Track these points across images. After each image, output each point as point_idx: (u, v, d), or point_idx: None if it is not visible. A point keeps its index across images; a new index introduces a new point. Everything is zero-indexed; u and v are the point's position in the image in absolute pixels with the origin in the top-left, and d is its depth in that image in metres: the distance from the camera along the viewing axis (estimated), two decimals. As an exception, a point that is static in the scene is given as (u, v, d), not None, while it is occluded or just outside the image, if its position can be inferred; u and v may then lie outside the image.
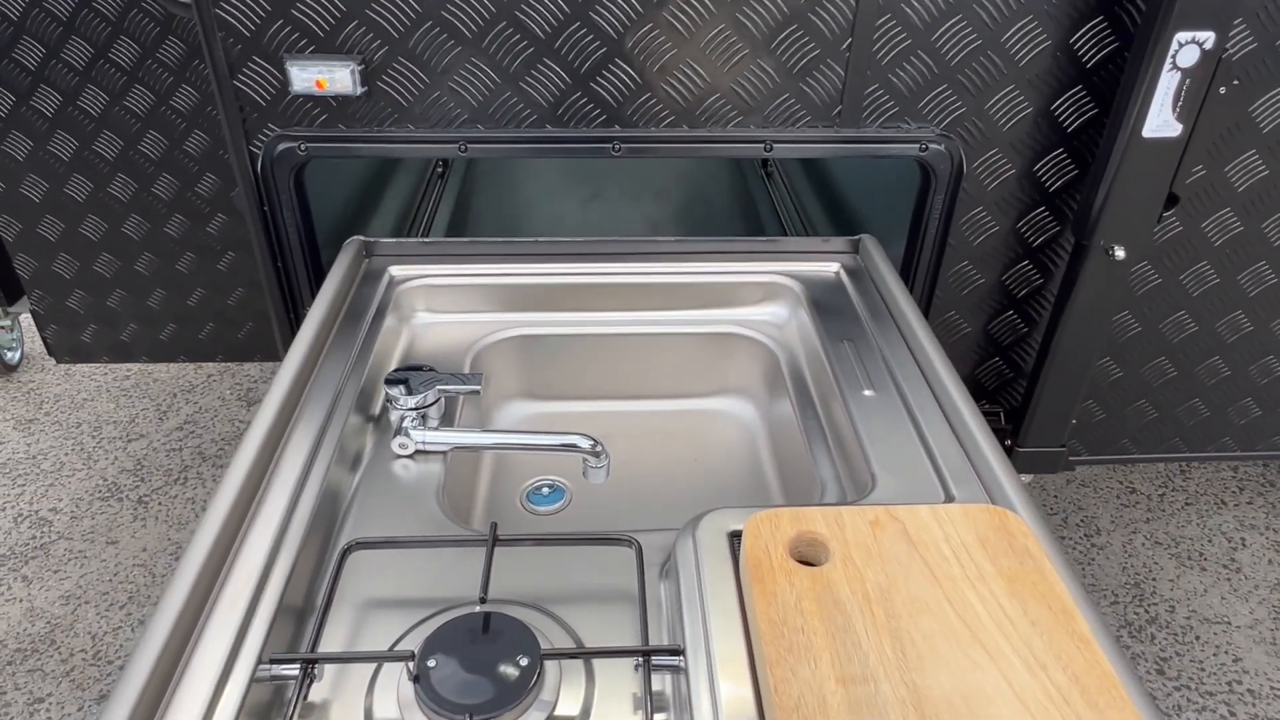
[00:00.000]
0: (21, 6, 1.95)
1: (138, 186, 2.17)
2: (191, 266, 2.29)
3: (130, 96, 2.05)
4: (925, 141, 1.56)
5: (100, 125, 2.09)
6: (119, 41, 1.99)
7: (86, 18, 1.96)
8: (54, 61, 2.01)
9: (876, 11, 1.44)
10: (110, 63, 2.01)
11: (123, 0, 1.94)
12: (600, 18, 1.43)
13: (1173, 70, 1.39)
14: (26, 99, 2.05)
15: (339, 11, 1.40)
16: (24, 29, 1.98)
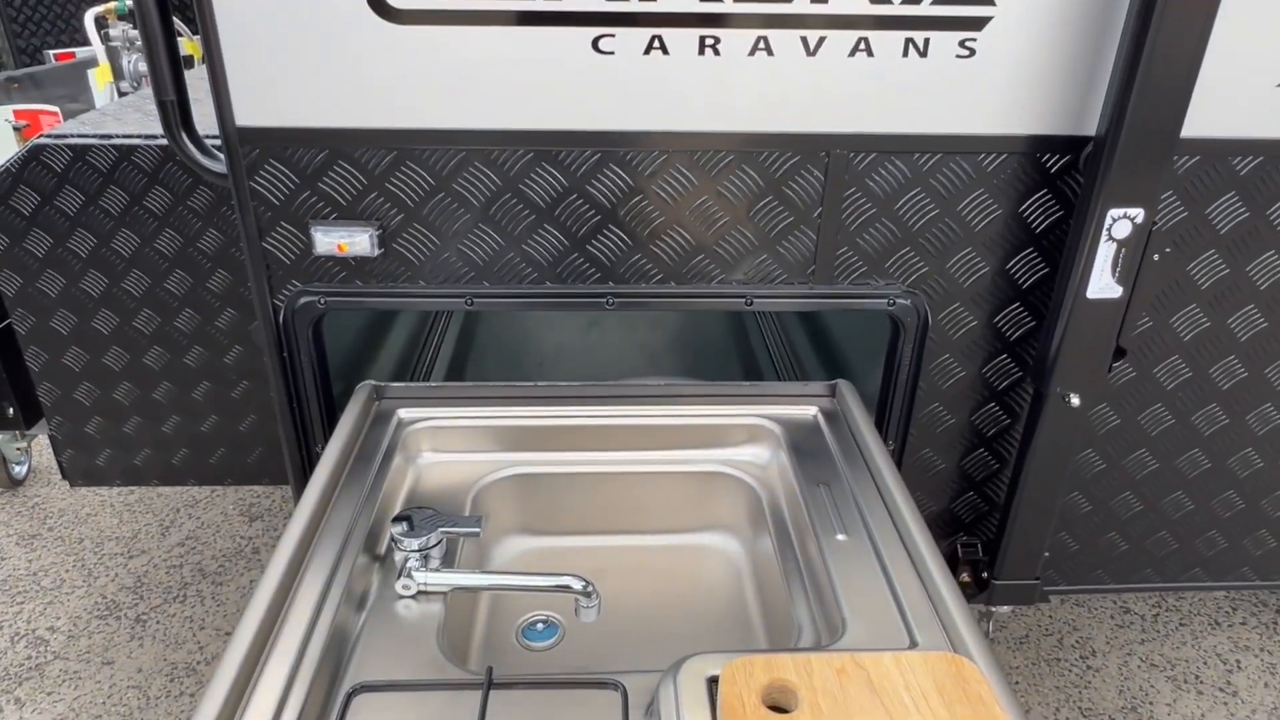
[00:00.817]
0: (66, 160, 2.13)
1: (161, 320, 2.31)
2: (207, 394, 2.41)
3: (160, 239, 2.21)
4: (893, 297, 1.70)
5: (130, 264, 2.24)
6: (154, 190, 2.16)
7: (126, 170, 2.14)
8: (92, 207, 2.18)
9: (843, 185, 1.60)
10: (144, 209, 2.18)
11: (159, 154, 2.13)
12: (596, 189, 1.59)
13: (1109, 241, 1.54)
14: (64, 241, 2.21)
15: (361, 184, 1.57)
16: (67, 179, 2.16)
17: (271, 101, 1.49)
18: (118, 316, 2.30)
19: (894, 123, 1.55)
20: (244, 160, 1.54)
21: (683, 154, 1.57)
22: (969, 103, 1.53)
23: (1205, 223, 1.68)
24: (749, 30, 1.45)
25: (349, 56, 1.45)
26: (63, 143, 2.11)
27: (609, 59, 1.46)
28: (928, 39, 1.47)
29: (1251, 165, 1.62)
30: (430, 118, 1.51)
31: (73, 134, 2.14)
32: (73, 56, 5.45)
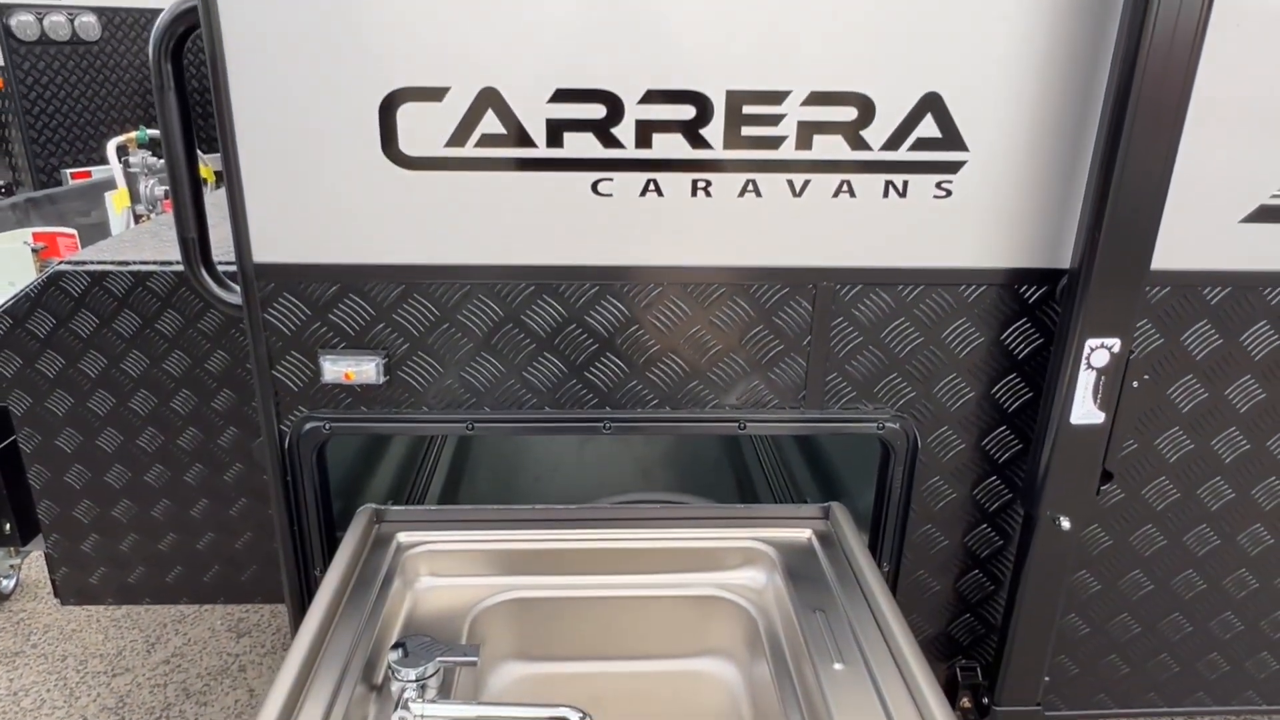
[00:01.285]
0: (84, 285, 2.21)
1: (165, 439, 2.34)
2: (205, 512, 2.41)
3: (169, 360, 2.27)
4: (882, 421, 1.75)
5: (138, 384, 2.29)
6: (166, 313, 2.23)
7: (140, 294, 2.22)
8: (105, 330, 2.25)
9: (831, 314, 1.67)
10: (155, 331, 2.25)
11: (173, 279, 2.21)
12: (594, 320, 1.66)
13: (1088, 369, 1.60)
14: (75, 362, 2.27)
15: (369, 315, 1.63)
16: (84, 303, 2.23)
17: (288, 239, 1.57)
18: (122, 435, 2.33)
19: (877, 257, 1.63)
20: (259, 294, 1.61)
21: (677, 286, 1.64)
22: (948, 238, 1.62)
23: (1181, 349, 1.74)
24: (738, 174, 1.55)
25: (363, 199, 1.54)
26: (82, 269, 2.19)
27: (607, 200, 1.56)
28: (906, 181, 1.57)
29: (1221, 295, 1.70)
30: (438, 254, 1.59)
31: (91, 260, 2.22)
32: (89, 175, 5.67)
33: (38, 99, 5.60)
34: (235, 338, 2.25)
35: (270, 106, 1.48)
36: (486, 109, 1.49)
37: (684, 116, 1.51)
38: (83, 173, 5.65)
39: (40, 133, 5.68)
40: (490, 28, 1.44)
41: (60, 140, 5.80)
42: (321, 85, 1.47)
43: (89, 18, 5.62)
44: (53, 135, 5.75)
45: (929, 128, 1.53)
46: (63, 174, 5.70)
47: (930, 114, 1.52)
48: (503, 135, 1.51)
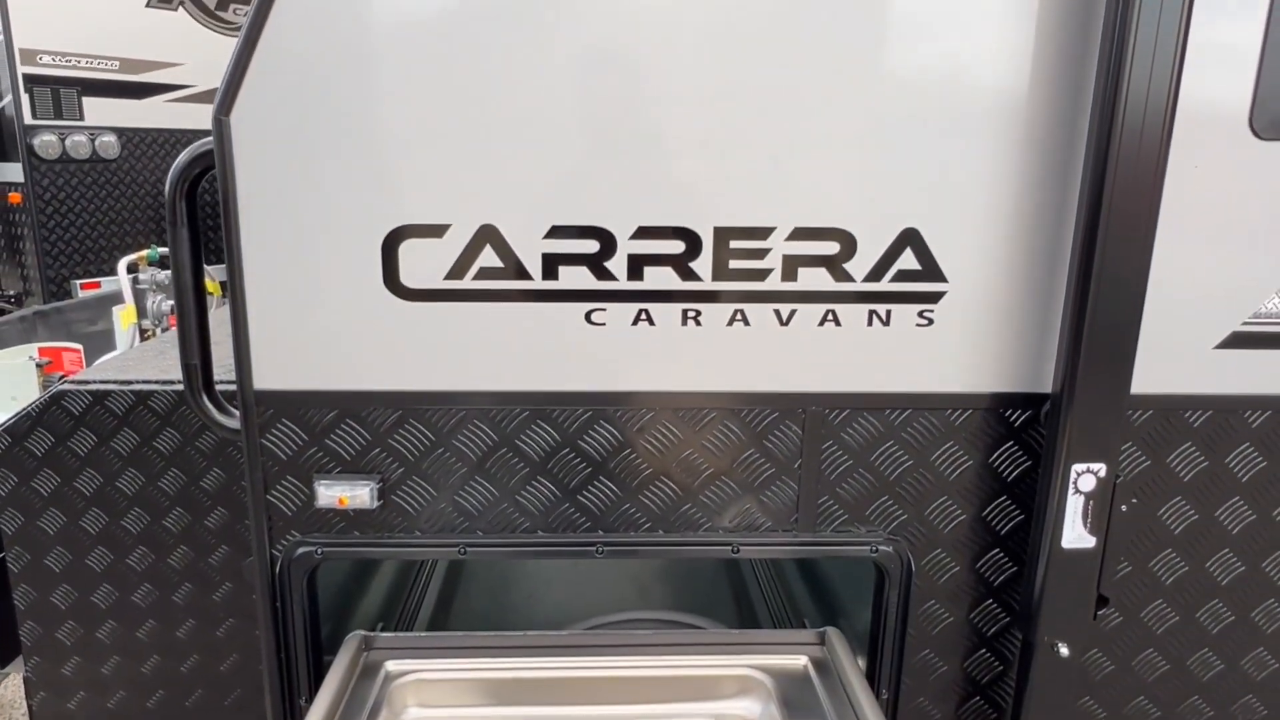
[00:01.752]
0: (86, 403, 2.24)
1: (155, 558, 2.32)
2: (190, 633, 2.37)
3: (165, 477, 2.28)
4: (875, 544, 1.75)
5: (132, 503, 2.29)
6: (165, 431, 2.25)
7: (140, 413, 2.24)
8: (103, 448, 2.26)
9: (820, 438, 1.70)
10: (153, 449, 2.26)
11: (174, 398, 2.24)
12: (587, 444, 1.68)
13: (1076, 494, 1.61)
14: (70, 480, 2.28)
15: (365, 440, 1.66)
16: (84, 421, 2.25)
17: (289, 367, 1.61)
18: (112, 554, 2.31)
19: (864, 383, 1.67)
20: (258, 420, 1.64)
21: (669, 411, 1.67)
22: (932, 364, 1.66)
23: (1168, 471, 1.76)
24: (727, 304, 1.60)
25: (364, 328, 1.59)
26: (84, 388, 2.23)
27: (600, 329, 1.60)
28: (889, 310, 1.62)
29: (1203, 418, 1.73)
30: (435, 381, 1.63)
31: (94, 380, 2.26)
32: (98, 285, 5.79)
33: (54, 213, 5.78)
34: (232, 455, 2.26)
35: (277, 243, 1.54)
36: (485, 244, 1.55)
37: (674, 251, 1.57)
38: (92, 283, 5.77)
39: (54, 245, 5.83)
40: (489, 168, 1.52)
41: (73, 253, 5.95)
42: (328, 222, 1.54)
43: (109, 137, 5.86)
44: (65, 248, 5.91)
45: (909, 261, 1.60)
46: (73, 284, 5.82)
47: (909, 248, 1.59)
48: (500, 268, 1.57)
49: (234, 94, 1.47)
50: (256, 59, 1.46)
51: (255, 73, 1.46)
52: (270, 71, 1.46)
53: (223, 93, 1.47)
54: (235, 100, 1.48)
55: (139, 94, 5.95)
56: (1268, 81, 1.53)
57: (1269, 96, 1.54)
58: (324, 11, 1.45)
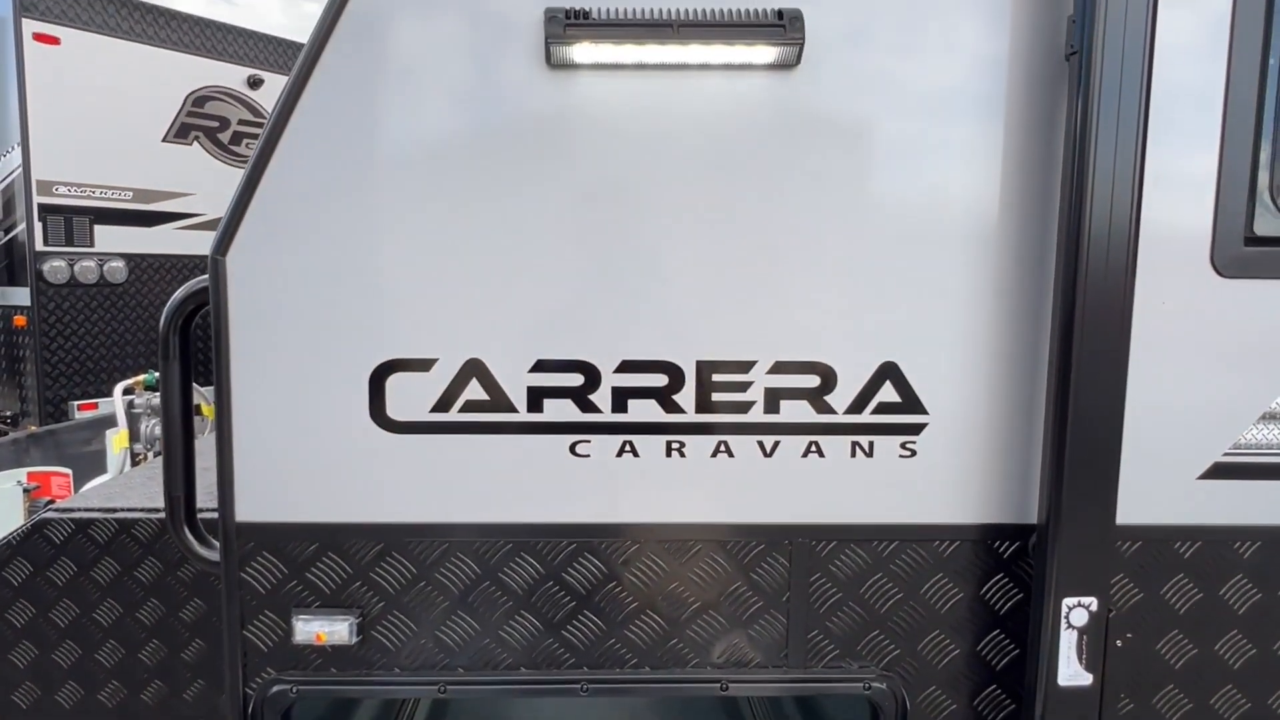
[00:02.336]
0: (68, 532, 2.22)
1: (127, 693, 2.23)
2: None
3: (144, 608, 2.23)
4: (868, 681, 1.70)
5: (108, 635, 2.23)
6: (147, 560, 2.22)
7: (123, 541, 2.21)
8: (82, 578, 2.22)
9: (808, 570, 1.68)
10: (133, 578, 2.22)
11: (158, 526, 2.22)
12: (571, 577, 1.66)
13: (1069, 629, 1.58)
14: (46, 611, 2.22)
15: (346, 574, 1.64)
16: (64, 550, 2.22)
17: (272, 499, 1.61)
18: (83, 689, 2.24)
19: (849, 514, 1.66)
20: (238, 553, 1.62)
21: (654, 543, 1.66)
22: (917, 495, 1.66)
23: (1162, 603, 1.73)
24: (710, 436, 1.62)
25: (349, 460, 1.60)
26: (67, 516, 2.21)
27: (585, 461, 1.61)
28: (872, 442, 1.63)
29: (1193, 549, 1.71)
30: (418, 513, 1.62)
31: (78, 508, 2.24)
32: (96, 407, 5.81)
33: (57, 335, 5.87)
34: (213, 585, 2.22)
35: (266, 376, 1.57)
36: (471, 378, 1.58)
37: (658, 384, 1.60)
38: (90, 405, 5.80)
39: (54, 367, 5.90)
40: (476, 303, 1.57)
41: (73, 374, 6.01)
42: (317, 356, 1.57)
43: (118, 263, 6.02)
44: (66, 369, 5.97)
45: (889, 393, 1.62)
46: (70, 406, 5.84)
47: (889, 380, 1.62)
48: (486, 401, 1.59)
49: (231, 235, 1.53)
50: (255, 203, 1.53)
51: (253, 215, 1.53)
52: (267, 214, 1.53)
53: (220, 233, 1.53)
54: (232, 241, 1.54)
55: (149, 222, 6.15)
56: (1225, 221, 1.60)
57: (1227, 235, 1.60)
58: (321, 158, 1.52)
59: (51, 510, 2.26)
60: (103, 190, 5.90)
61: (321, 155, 1.53)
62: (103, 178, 5.89)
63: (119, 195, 5.98)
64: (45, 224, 5.68)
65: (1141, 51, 1.46)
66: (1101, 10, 1.45)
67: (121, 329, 6.16)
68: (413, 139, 1.54)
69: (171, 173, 6.25)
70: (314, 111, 1.52)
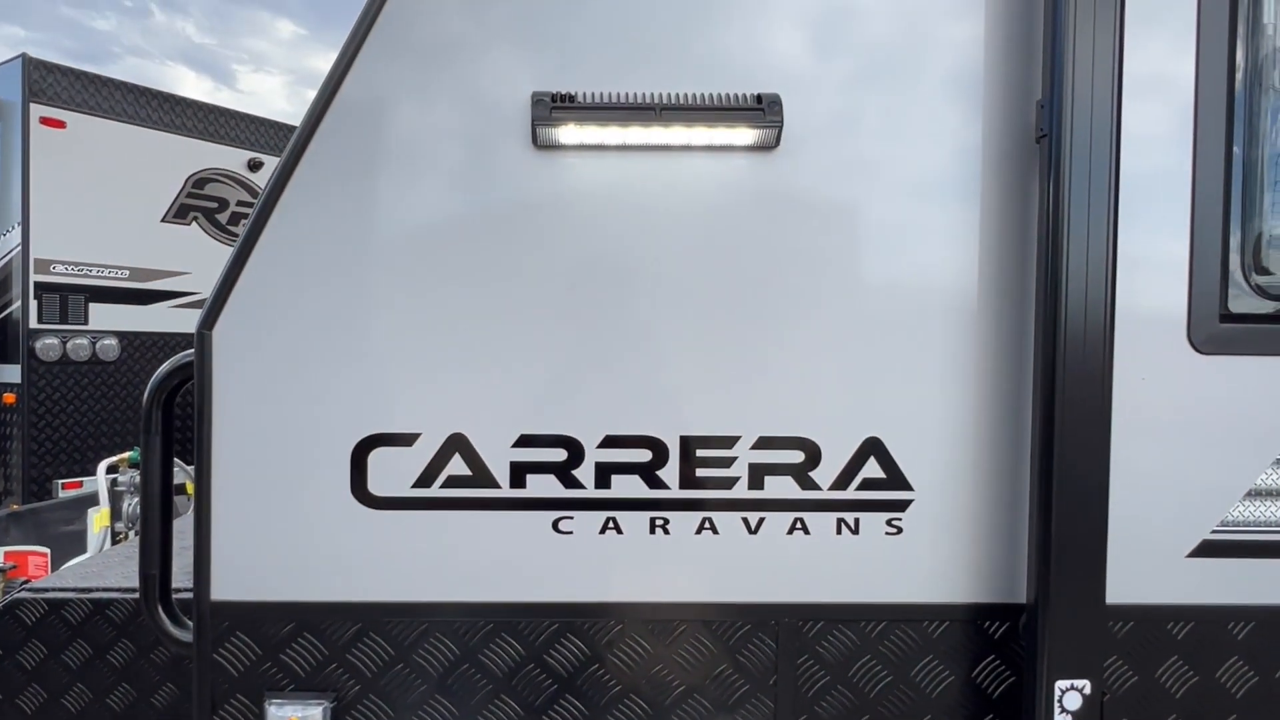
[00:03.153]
0: (40, 613, 2.16)
1: None
2: None
3: (114, 694, 2.15)
4: (858, 770, 1.64)
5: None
6: (120, 643, 2.16)
7: (96, 623, 2.16)
8: (52, 662, 2.16)
9: (795, 652, 1.64)
10: (105, 662, 2.15)
11: (133, 607, 2.16)
12: (553, 659, 1.62)
13: (1063, 713, 1.54)
14: (12, 698, 2.15)
15: (322, 655, 1.60)
16: (35, 632, 2.16)
17: (249, 577, 1.58)
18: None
19: (836, 593, 1.63)
20: (212, 633, 1.58)
21: (638, 623, 1.63)
22: (904, 574, 1.64)
23: (1158, 687, 1.69)
24: (694, 513, 1.61)
25: (328, 537, 1.58)
26: (41, 597, 2.16)
27: (568, 538, 1.59)
28: (857, 519, 1.62)
29: (1186, 630, 1.68)
30: (397, 592, 1.59)
31: (52, 588, 2.20)
32: (80, 485, 5.74)
33: (45, 413, 5.85)
34: (186, 668, 2.16)
35: (248, 451, 1.56)
36: (454, 453, 1.58)
37: (641, 459, 1.60)
38: (74, 483, 5.73)
39: (41, 444, 5.85)
40: (460, 379, 1.58)
41: (59, 452, 5.95)
42: (300, 431, 1.57)
43: (111, 341, 6.04)
44: (53, 447, 5.92)
45: (873, 469, 1.62)
46: (55, 484, 5.77)
47: (873, 456, 1.62)
48: (469, 476, 1.58)
49: (219, 310, 1.55)
50: (242, 279, 1.55)
51: (240, 291, 1.55)
52: (254, 290, 1.55)
53: (208, 308, 1.55)
54: (219, 316, 1.55)
55: (144, 300, 6.20)
56: (1200, 299, 1.62)
57: (1203, 313, 1.63)
58: (310, 236, 1.55)
59: (25, 590, 2.21)
60: (100, 269, 5.97)
61: (310, 234, 1.56)
62: (100, 256, 5.96)
63: (116, 274, 6.04)
64: (40, 302, 5.72)
65: (1109, 136, 1.51)
66: (1068, 96, 1.50)
67: (111, 407, 6.14)
68: (400, 219, 1.57)
69: (169, 252, 6.33)
70: (304, 191, 1.55)
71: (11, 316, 5.76)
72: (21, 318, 5.71)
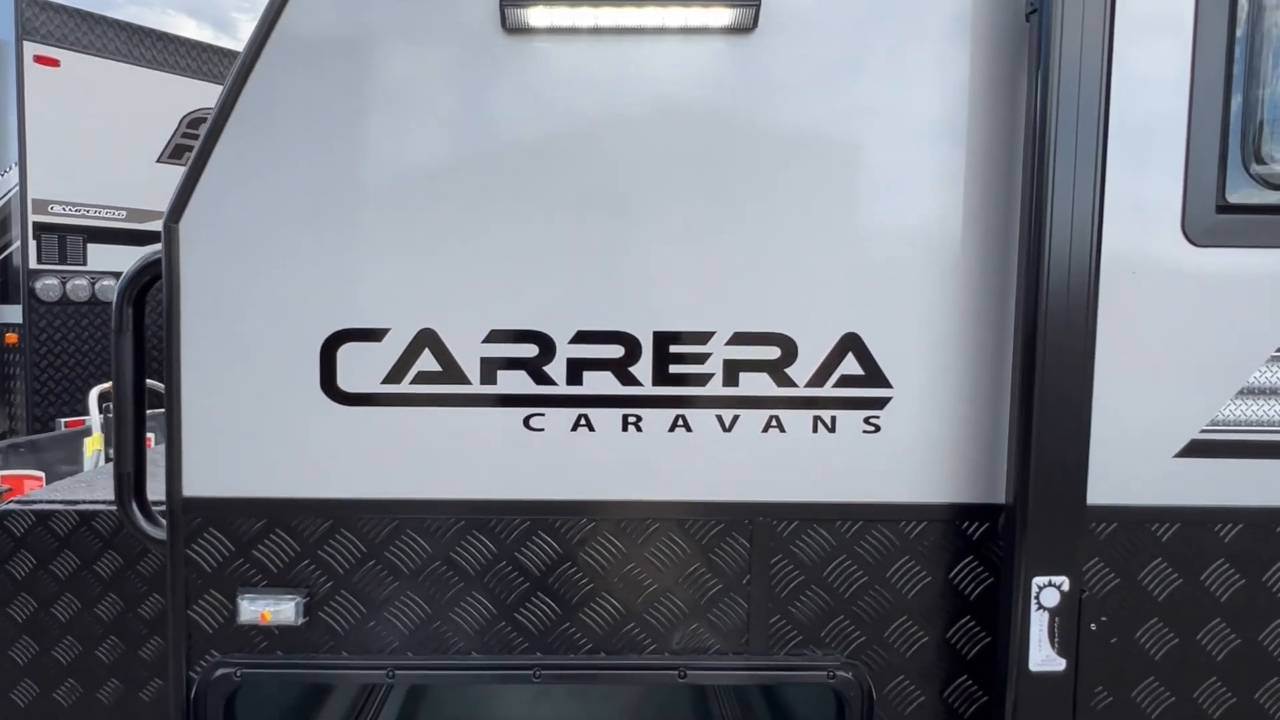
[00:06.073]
0: (28, 525, 2.17)
1: (84, 691, 2.18)
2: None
3: (102, 604, 2.17)
4: (832, 669, 1.64)
5: (65, 630, 2.17)
6: (106, 554, 2.17)
7: (83, 534, 2.17)
8: (41, 572, 2.17)
9: (769, 551, 1.63)
10: (92, 573, 2.17)
11: (117, 519, 2.16)
12: (525, 557, 1.61)
13: (1040, 610, 1.52)
14: (2, 608, 2.17)
15: (294, 551, 1.59)
16: (24, 543, 2.18)
17: (221, 473, 1.57)
18: (39, 687, 2.17)
19: (812, 492, 1.61)
20: (185, 529, 1.58)
21: (610, 522, 1.61)
22: (882, 474, 1.61)
23: (1140, 590, 1.67)
24: (668, 410, 1.58)
25: (299, 433, 1.56)
26: (28, 508, 2.17)
27: (539, 435, 1.57)
28: (834, 417, 1.59)
29: (1171, 532, 1.66)
30: (369, 489, 1.58)
31: (40, 500, 2.20)
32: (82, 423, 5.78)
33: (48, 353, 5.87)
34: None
35: (218, 346, 1.54)
36: (424, 348, 1.55)
37: (614, 355, 1.57)
38: (77, 421, 5.78)
39: (44, 384, 5.89)
40: (429, 272, 1.54)
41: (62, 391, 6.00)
42: (269, 325, 1.54)
43: (109, 281, 6.04)
44: (55, 386, 5.96)
45: (851, 366, 1.58)
46: (58, 422, 5.82)
47: (851, 353, 1.58)
48: (439, 372, 1.56)
49: (185, 202, 1.52)
50: (209, 170, 1.51)
51: (207, 182, 1.51)
52: (222, 181, 1.51)
53: (174, 200, 1.52)
54: (186, 208, 1.52)
55: (142, 241, 6.18)
56: (1196, 187, 1.56)
57: (1199, 202, 1.57)
58: (274, 125, 1.51)
59: (13, 503, 2.22)
60: (97, 209, 5.94)
61: (275, 126, 1.52)
62: (98, 197, 5.93)
63: (113, 214, 6.01)
64: (40, 242, 5.71)
65: (1103, 13, 1.44)
66: (1059, -26, 1.43)
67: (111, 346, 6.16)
68: (365, 109, 1.53)
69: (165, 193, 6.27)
70: (270, 77, 1.51)
71: (12, 257, 5.76)
72: (21, 258, 5.71)
